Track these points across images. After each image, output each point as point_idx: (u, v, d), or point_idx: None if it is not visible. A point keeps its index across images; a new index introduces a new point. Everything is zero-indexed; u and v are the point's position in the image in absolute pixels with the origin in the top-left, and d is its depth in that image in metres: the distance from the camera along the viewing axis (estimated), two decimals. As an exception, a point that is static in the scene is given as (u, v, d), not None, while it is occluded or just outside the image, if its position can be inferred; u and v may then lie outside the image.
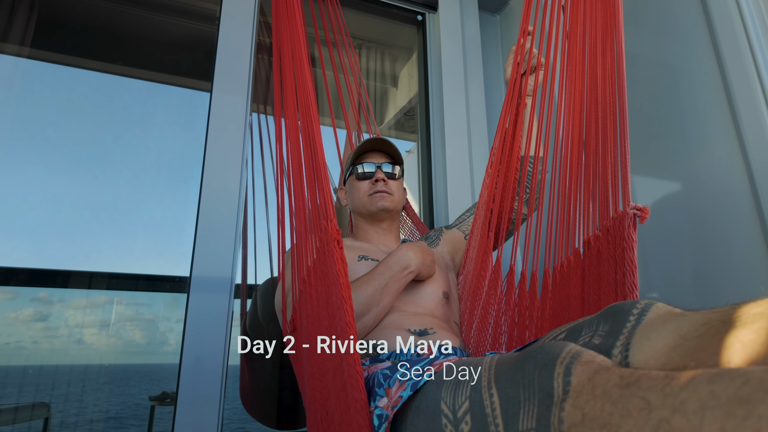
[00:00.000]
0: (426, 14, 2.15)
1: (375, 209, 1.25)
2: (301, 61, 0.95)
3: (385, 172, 1.27)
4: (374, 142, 1.29)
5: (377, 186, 1.26)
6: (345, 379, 0.72)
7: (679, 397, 0.34)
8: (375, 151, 1.32)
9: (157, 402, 1.80)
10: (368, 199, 1.26)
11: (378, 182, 1.26)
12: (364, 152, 1.31)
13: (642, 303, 0.53)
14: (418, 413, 0.66)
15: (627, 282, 0.73)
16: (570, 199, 0.95)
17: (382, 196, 1.25)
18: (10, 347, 1.60)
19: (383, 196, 1.25)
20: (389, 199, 1.26)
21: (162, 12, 2.02)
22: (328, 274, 0.79)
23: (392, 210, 1.27)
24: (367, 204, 1.26)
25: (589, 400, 0.40)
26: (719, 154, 1.26)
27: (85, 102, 1.94)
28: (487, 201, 1.14)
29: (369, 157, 1.30)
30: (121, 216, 1.86)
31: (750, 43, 1.22)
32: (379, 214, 1.26)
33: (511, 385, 0.50)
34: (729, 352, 0.40)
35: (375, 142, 1.29)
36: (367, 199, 1.26)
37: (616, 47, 0.86)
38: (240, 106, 1.58)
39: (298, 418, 1.75)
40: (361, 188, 1.28)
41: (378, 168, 1.27)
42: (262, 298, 1.70)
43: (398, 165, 1.31)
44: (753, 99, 1.19)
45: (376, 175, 1.26)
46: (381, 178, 1.26)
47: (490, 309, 1.07)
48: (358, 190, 1.28)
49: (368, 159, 1.30)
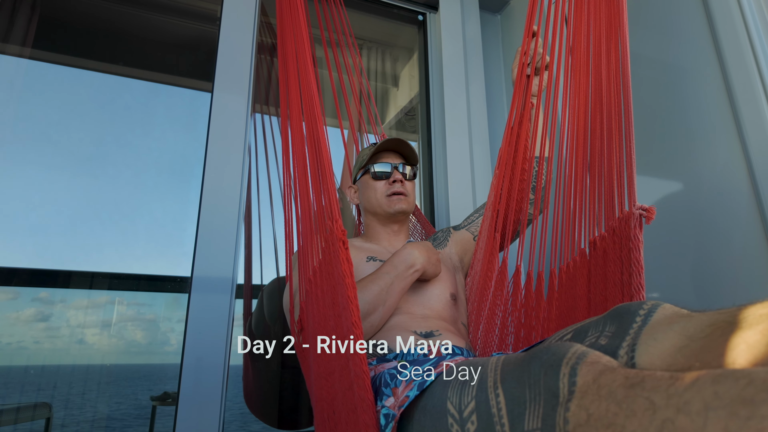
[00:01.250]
0: (427, 14, 2.15)
1: (393, 211, 1.24)
2: (305, 61, 0.95)
3: (401, 173, 1.27)
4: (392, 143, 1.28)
5: (395, 187, 1.25)
6: (351, 379, 0.72)
7: (683, 398, 0.34)
8: (391, 151, 1.31)
9: (158, 402, 1.80)
10: (386, 200, 1.25)
11: (395, 183, 1.25)
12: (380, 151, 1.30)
13: (649, 304, 0.54)
14: (424, 413, 0.67)
15: (633, 282, 0.74)
16: (576, 199, 0.95)
17: (399, 198, 1.24)
18: (11, 347, 1.60)
19: (400, 198, 1.24)
20: (406, 201, 1.25)
21: (163, 12, 2.01)
22: (334, 275, 0.79)
23: (408, 212, 1.27)
24: (384, 205, 1.25)
25: (594, 400, 0.41)
26: (721, 154, 1.27)
27: (87, 102, 1.94)
28: (493, 202, 1.14)
29: (385, 156, 1.29)
30: (123, 216, 1.86)
31: (751, 43, 1.22)
32: (395, 216, 1.26)
33: (516, 385, 0.50)
34: (734, 353, 0.41)
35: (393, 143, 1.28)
36: (384, 200, 1.25)
37: (621, 47, 0.86)
38: (241, 106, 1.58)
39: (301, 418, 1.75)
40: (378, 188, 1.26)
41: (395, 168, 1.27)
42: (269, 298, 1.70)
43: (413, 166, 1.31)
44: (754, 98, 1.19)
45: (394, 176, 1.25)
46: (398, 179, 1.25)
47: (497, 310, 1.07)
48: (375, 189, 1.27)
49: (384, 159, 1.29)
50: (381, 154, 1.30)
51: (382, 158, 1.29)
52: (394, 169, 1.26)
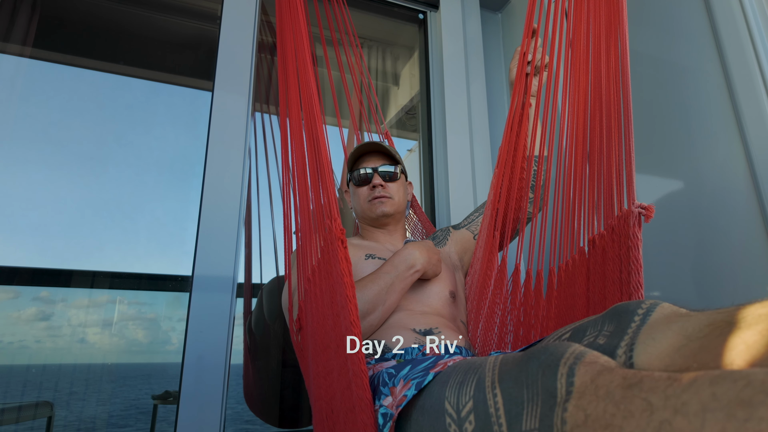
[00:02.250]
0: (427, 12, 2.14)
1: (375, 215, 1.24)
2: (304, 60, 0.95)
3: (382, 173, 1.25)
4: (368, 146, 1.28)
5: (375, 192, 1.24)
6: (350, 378, 0.72)
7: (681, 399, 0.34)
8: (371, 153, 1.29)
9: (159, 401, 1.80)
10: (368, 206, 1.25)
11: (376, 188, 1.24)
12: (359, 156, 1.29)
13: (647, 303, 0.53)
14: (422, 412, 0.67)
15: (632, 281, 0.73)
16: (575, 197, 0.95)
17: (381, 201, 1.23)
18: (13, 346, 1.60)
19: (382, 201, 1.23)
20: (389, 204, 1.24)
21: (163, 11, 2.01)
22: (333, 273, 0.79)
23: (393, 213, 1.26)
24: (367, 210, 1.25)
25: (592, 401, 0.40)
26: (721, 152, 1.26)
27: (87, 101, 1.94)
28: (492, 200, 1.14)
29: (366, 161, 1.28)
30: (124, 215, 1.86)
31: (753, 41, 1.22)
32: (380, 220, 1.25)
33: (514, 385, 0.50)
34: (733, 354, 0.40)
35: (368, 146, 1.28)
36: (367, 206, 1.25)
37: (620, 45, 0.86)
38: (241, 105, 1.58)
39: (301, 416, 1.75)
40: (361, 194, 1.26)
41: (375, 172, 1.25)
42: (268, 297, 1.70)
43: (397, 164, 1.29)
44: (755, 96, 1.19)
45: (374, 181, 1.24)
46: (378, 183, 1.24)
47: (496, 308, 1.07)
48: (358, 196, 1.27)
49: (364, 163, 1.27)
50: (362, 159, 1.29)
51: (362, 163, 1.28)
52: (374, 172, 1.25)
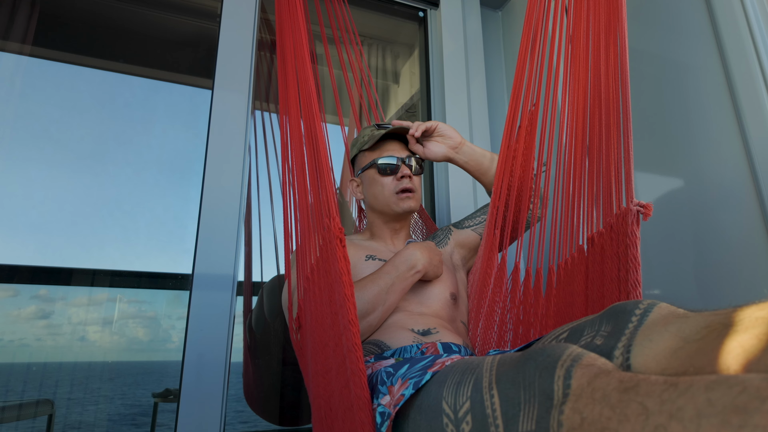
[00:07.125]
0: (427, 10, 2.14)
1: (401, 210, 1.15)
2: (303, 58, 0.95)
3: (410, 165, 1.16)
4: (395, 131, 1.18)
5: (404, 183, 1.14)
6: (348, 377, 0.72)
7: (677, 404, 0.34)
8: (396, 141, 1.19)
9: (160, 399, 1.81)
10: (394, 198, 1.15)
11: (404, 179, 1.14)
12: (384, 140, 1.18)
13: (645, 303, 0.53)
14: (420, 412, 0.67)
15: (630, 279, 0.73)
16: (573, 196, 0.95)
17: (408, 196, 1.14)
18: (14, 344, 1.60)
19: (409, 196, 1.14)
20: (415, 199, 1.15)
21: (163, 9, 2.01)
22: (331, 272, 0.79)
23: (415, 210, 1.19)
24: (392, 204, 1.16)
25: (589, 403, 0.40)
26: (722, 151, 1.26)
27: (87, 99, 1.94)
28: (493, 198, 1.13)
29: (390, 148, 1.17)
30: (123, 213, 1.86)
31: (753, 39, 1.21)
32: (402, 215, 1.18)
33: (511, 387, 0.50)
34: (729, 358, 0.40)
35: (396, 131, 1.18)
36: (393, 198, 1.15)
37: (620, 42, 0.86)
38: (241, 103, 1.58)
39: (301, 415, 1.76)
40: (385, 184, 1.16)
41: (402, 162, 1.16)
42: (269, 295, 1.71)
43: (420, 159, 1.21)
44: (756, 95, 1.18)
45: (402, 171, 1.14)
46: (407, 174, 1.14)
47: (496, 306, 1.07)
48: (382, 186, 1.16)
49: (390, 151, 1.17)
50: (386, 145, 1.19)
51: (387, 150, 1.17)
52: (401, 162, 1.16)
